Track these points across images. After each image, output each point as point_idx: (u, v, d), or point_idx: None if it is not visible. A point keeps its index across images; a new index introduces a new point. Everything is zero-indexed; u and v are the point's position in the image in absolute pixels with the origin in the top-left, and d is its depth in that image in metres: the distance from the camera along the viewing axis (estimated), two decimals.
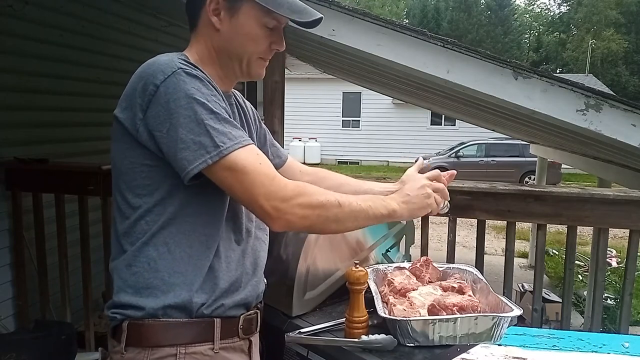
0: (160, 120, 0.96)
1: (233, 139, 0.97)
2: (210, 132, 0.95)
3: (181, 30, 4.24)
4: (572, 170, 13.79)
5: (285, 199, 0.98)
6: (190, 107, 0.95)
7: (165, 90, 0.95)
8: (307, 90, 18.03)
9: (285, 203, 0.98)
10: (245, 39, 1.08)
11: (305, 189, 1.02)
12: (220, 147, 0.95)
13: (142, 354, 1.01)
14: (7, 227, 2.72)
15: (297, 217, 0.99)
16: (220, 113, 0.97)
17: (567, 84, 2.39)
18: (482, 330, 1.16)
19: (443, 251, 2.32)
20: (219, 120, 0.97)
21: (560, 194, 2.14)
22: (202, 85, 0.98)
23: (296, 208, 0.99)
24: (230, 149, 0.96)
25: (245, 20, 1.07)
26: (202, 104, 0.96)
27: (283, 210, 0.98)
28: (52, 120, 3.15)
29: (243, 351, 1.12)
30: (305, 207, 1.00)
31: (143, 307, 1.01)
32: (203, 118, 0.95)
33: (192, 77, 0.97)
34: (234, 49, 1.09)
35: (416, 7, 38.16)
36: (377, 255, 1.58)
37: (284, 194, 0.98)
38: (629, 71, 31.81)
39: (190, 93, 0.95)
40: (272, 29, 1.09)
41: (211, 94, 0.99)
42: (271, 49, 1.12)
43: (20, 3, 2.81)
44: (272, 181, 0.99)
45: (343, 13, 2.50)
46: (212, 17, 1.07)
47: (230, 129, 0.98)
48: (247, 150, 0.98)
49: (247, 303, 1.12)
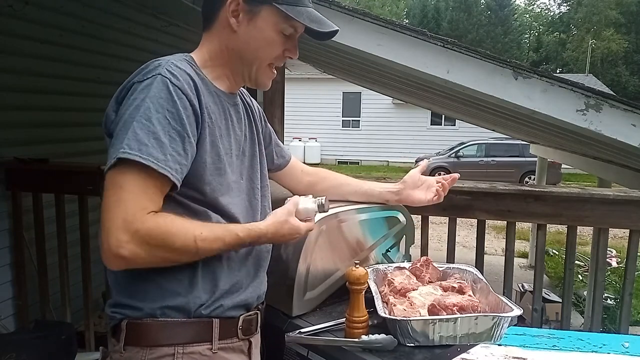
0: (119, 115, 0.97)
1: (142, 151, 0.91)
2: (129, 133, 0.92)
3: (181, 30, 4.25)
4: (572, 170, 13.79)
5: (138, 234, 0.90)
6: (137, 108, 0.94)
7: (136, 88, 0.97)
8: (307, 90, 18.03)
9: (135, 239, 0.90)
10: (261, 43, 1.08)
11: (162, 229, 0.93)
12: (123, 148, 0.91)
13: (141, 353, 1.01)
14: (7, 227, 2.72)
15: (140, 258, 0.92)
16: (155, 126, 0.93)
17: (567, 84, 2.39)
18: (482, 330, 1.16)
19: (443, 251, 2.31)
20: (149, 130, 0.92)
21: (560, 194, 2.14)
22: (166, 97, 0.95)
23: (142, 247, 0.91)
24: (127, 156, 0.90)
25: (264, 24, 1.07)
26: (146, 110, 0.94)
27: (128, 247, 0.90)
28: (52, 120, 3.15)
29: (242, 352, 1.12)
30: (157, 250, 0.93)
31: (141, 308, 1.01)
32: (135, 120, 0.93)
33: (164, 85, 0.96)
34: (248, 52, 1.09)
35: (416, 7, 38.16)
36: (377, 255, 1.58)
37: (140, 228, 0.90)
38: (629, 71, 31.80)
39: (147, 97, 0.95)
40: (287, 36, 1.10)
41: (170, 107, 0.95)
42: (284, 56, 1.12)
43: (20, 3, 2.81)
44: (141, 210, 0.91)
45: (343, 13, 2.50)
46: (231, 18, 1.07)
47: (151, 143, 0.92)
48: (146, 172, 0.91)
49: (248, 304, 1.12)
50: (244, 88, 1.25)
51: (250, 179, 1.18)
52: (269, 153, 1.36)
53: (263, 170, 1.24)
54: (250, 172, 1.18)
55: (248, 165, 1.17)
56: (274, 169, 1.41)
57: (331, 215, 1.42)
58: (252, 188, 1.17)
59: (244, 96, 1.26)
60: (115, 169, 0.92)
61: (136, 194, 0.92)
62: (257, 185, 1.19)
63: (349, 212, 1.48)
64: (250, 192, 1.16)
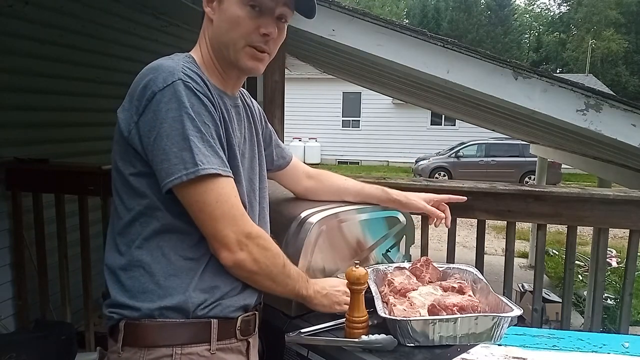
0: (150, 127, 0.96)
1: (211, 163, 0.97)
2: (192, 148, 0.95)
3: (181, 30, 4.25)
4: (572, 170, 13.79)
5: (250, 236, 1.02)
6: (180, 120, 0.95)
7: (161, 98, 0.95)
8: (307, 90, 18.02)
9: (249, 240, 1.02)
10: (229, 23, 1.04)
11: (265, 234, 1.08)
12: (199, 165, 0.95)
13: (139, 354, 1.01)
14: (7, 227, 2.72)
15: (252, 257, 1.03)
16: (205, 134, 0.97)
17: (567, 84, 2.39)
18: (482, 330, 1.16)
19: (443, 251, 2.31)
20: (204, 141, 0.97)
21: (560, 194, 2.14)
22: (197, 101, 0.97)
23: (255, 247, 1.03)
24: (207, 171, 0.96)
25: (229, 3, 1.04)
26: (191, 119, 0.95)
27: (244, 245, 1.01)
28: (52, 120, 3.15)
29: (240, 352, 1.12)
30: (262, 249, 1.05)
31: (139, 308, 1.01)
32: (189, 134, 0.95)
33: (190, 90, 0.97)
34: (221, 36, 1.06)
35: (416, 7, 38.16)
36: (377, 255, 1.57)
37: (250, 231, 1.03)
38: (629, 71, 31.80)
39: (183, 106, 0.95)
40: (259, 11, 1.04)
41: (204, 112, 0.98)
42: (260, 34, 1.05)
43: (20, 3, 2.81)
44: (242, 217, 1.03)
45: (343, 13, 2.50)
46: (206, 7, 1.07)
47: (210, 152, 0.98)
48: (225, 180, 1.00)
49: (246, 305, 1.12)
50: (243, 88, 1.24)
51: (250, 180, 1.17)
52: (269, 154, 1.36)
53: (262, 172, 1.24)
54: (250, 173, 1.18)
55: (248, 166, 1.17)
56: (274, 169, 1.41)
57: (331, 215, 1.42)
58: (251, 189, 1.17)
59: (245, 97, 1.25)
60: (197, 185, 0.96)
61: (230, 202, 1.00)
62: (256, 186, 1.19)
63: (349, 212, 1.48)
64: (250, 194, 1.16)
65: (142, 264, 1.01)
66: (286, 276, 1.11)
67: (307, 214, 1.39)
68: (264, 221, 1.22)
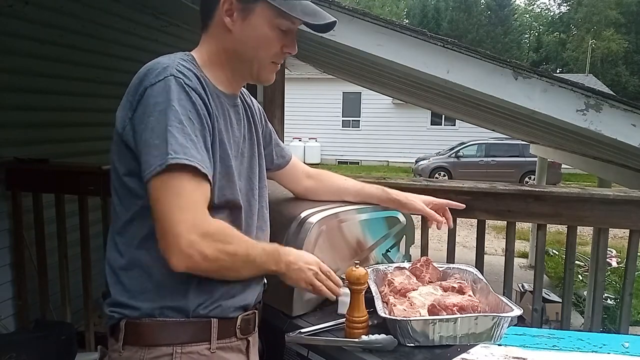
0: (140, 121, 0.97)
1: (187, 154, 0.93)
2: (168, 139, 0.93)
3: (181, 30, 4.25)
4: (572, 170, 13.79)
5: (207, 235, 0.95)
6: (165, 113, 0.94)
7: (151, 93, 0.96)
8: (307, 90, 18.02)
9: (204, 240, 0.94)
10: (257, 41, 1.07)
11: (226, 231, 1.00)
12: (170, 154, 0.92)
13: (139, 352, 1.01)
14: (7, 227, 2.72)
15: (204, 256, 0.95)
16: (187, 127, 0.95)
17: (567, 84, 2.39)
18: (482, 330, 1.16)
19: (443, 251, 2.31)
20: (184, 133, 0.94)
21: (560, 194, 2.14)
22: (185, 96, 0.97)
23: (210, 248, 0.95)
24: (178, 160, 0.92)
25: (258, 21, 1.06)
26: (175, 112, 0.95)
27: (197, 245, 0.93)
28: (52, 120, 3.15)
29: (240, 351, 1.12)
30: (219, 251, 0.97)
31: (139, 308, 1.01)
32: (169, 124, 0.94)
33: (180, 85, 0.97)
34: (245, 51, 1.08)
35: (416, 7, 38.16)
36: (377, 255, 1.58)
37: (208, 229, 0.96)
38: (629, 71, 31.80)
39: (170, 99, 0.95)
40: (284, 31, 1.08)
41: (191, 107, 0.97)
42: (283, 52, 1.10)
43: (20, 3, 2.81)
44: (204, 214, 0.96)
45: (343, 13, 2.50)
46: (225, 17, 1.06)
47: (190, 145, 0.94)
48: (197, 174, 0.95)
49: (246, 305, 1.12)
50: (244, 87, 1.24)
51: (249, 179, 1.18)
52: (269, 153, 1.36)
53: (262, 172, 1.24)
54: (249, 172, 1.18)
55: (247, 166, 1.17)
56: (273, 169, 1.41)
57: (331, 215, 1.42)
58: (250, 189, 1.17)
59: (244, 96, 1.25)
60: (166, 174, 0.93)
61: (197, 197, 0.95)
62: (255, 185, 1.19)
63: (349, 212, 1.48)
64: (249, 193, 1.16)
65: (141, 264, 1.02)
66: (250, 263, 1.04)
67: (307, 214, 1.39)
68: (263, 220, 1.22)
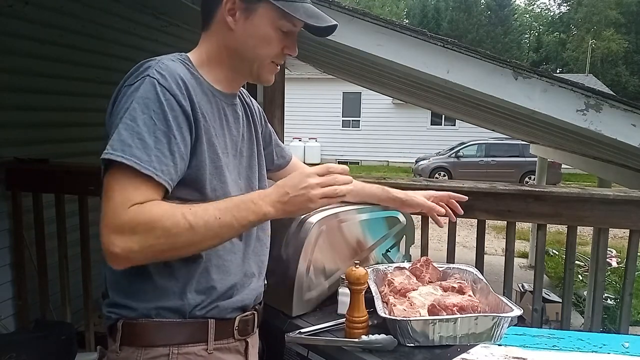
0: (111, 119, 0.98)
1: (125, 152, 0.90)
2: (114, 135, 0.92)
3: (181, 30, 4.25)
4: (572, 170, 13.79)
5: (123, 227, 0.88)
6: (128, 110, 0.94)
7: (126, 92, 0.97)
8: (307, 90, 18.03)
9: (124, 235, 0.88)
10: (259, 41, 1.07)
11: (146, 215, 0.89)
12: (106, 150, 0.91)
13: (136, 353, 1.01)
14: (7, 227, 2.72)
15: (130, 250, 0.89)
16: (142, 127, 0.92)
17: (567, 84, 2.39)
18: (482, 330, 1.16)
19: (443, 251, 2.31)
20: (133, 131, 0.92)
21: (560, 194, 2.14)
22: (154, 96, 0.95)
23: (133, 241, 0.88)
24: (109, 156, 0.90)
25: (260, 21, 1.06)
26: (133, 110, 0.94)
27: (121, 246, 0.88)
28: (52, 120, 3.15)
29: (239, 352, 1.12)
30: (147, 237, 0.89)
31: (136, 308, 1.01)
32: (123, 121, 0.93)
33: (152, 86, 0.96)
34: (246, 50, 1.08)
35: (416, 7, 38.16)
36: (377, 255, 1.58)
37: (123, 220, 0.88)
38: (629, 71, 31.81)
39: (134, 99, 0.95)
40: (286, 32, 1.08)
41: (157, 109, 0.95)
42: (284, 54, 1.11)
43: (20, 3, 2.81)
44: (122, 205, 0.89)
45: (343, 13, 2.50)
46: (228, 16, 1.06)
47: (137, 144, 0.91)
48: (133, 173, 0.90)
49: (244, 305, 1.12)
50: (243, 87, 1.24)
51: (249, 178, 1.17)
52: (269, 153, 1.36)
53: (261, 171, 1.23)
54: (249, 172, 1.18)
55: (246, 165, 1.17)
56: (274, 169, 1.41)
57: (331, 215, 1.42)
58: (250, 188, 1.17)
59: (244, 96, 1.25)
60: (108, 172, 0.92)
61: (119, 191, 0.91)
62: (255, 185, 1.19)
63: (349, 212, 1.48)
64: (248, 192, 1.16)
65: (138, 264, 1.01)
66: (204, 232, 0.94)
67: (307, 214, 1.39)
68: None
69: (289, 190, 1.00)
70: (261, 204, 0.99)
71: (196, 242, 0.95)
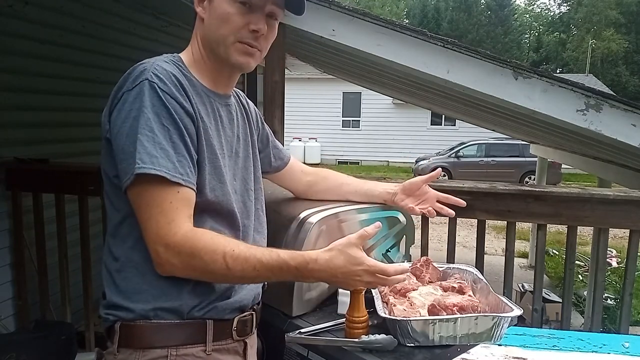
0: (116, 126, 0.97)
1: (154, 163, 0.93)
2: (137, 147, 0.93)
3: (181, 30, 4.25)
4: (572, 170, 13.79)
5: (169, 247, 0.95)
6: (137, 120, 0.94)
7: (127, 98, 0.97)
8: (307, 90, 18.02)
9: (168, 251, 0.95)
10: (219, 20, 1.04)
11: (190, 245, 0.95)
12: (137, 164, 0.93)
13: (134, 355, 1.01)
14: (7, 227, 2.72)
15: (176, 267, 0.97)
16: (158, 135, 0.95)
17: (567, 84, 2.39)
18: (482, 330, 1.16)
19: (443, 251, 2.31)
20: (154, 142, 0.94)
21: (560, 194, 2.14)
22: (158, 102, 0.96)
23: (176, 258, 0.95)
24: (144, 170, 0.93)
25: (219, 0, 1.04)
26: (146, 119, 0.94)
27: (164, 256, 0.95)
28: (52, 120, 3.15)
29: (237, 353, 1.11)
30: (186, 257, 0.96)
31: (134, 309, 1.01)
32: (139, 132, 0.94)
33: (154, 90, 0.96)
34: (211, 34, 1.06)
35: (416, 7, 38.16)
36: (377, 255, 1.57)
37: (168, 242, 0.95)
38: (629, 71, 31.81)
39: (143, 106, 0.95)
40: (249, 7, 1.04)
41: (165, 113, 0.96)
42: (250, 31, 1.05)
43: (20, 3, 2.81)
44: (168, 225, 0.95)
45: (343, 13, 2.50)
46: (198, 7, 1.07)
47: (160, 154, 0.94)
48: (167, 183, 0.95)
49: (242, 306, 1.11)
50: (244, 88, 1.24)
51: (244, 179, 1.17)
52: (266, 155, 1.35)
53: (257, 173, 1.23)
54: (244, 173, 1.17)
55: (242, 166, 1.17)
56: (272, 171, 1.41)
57: (331, 215, 1.42)
58: (245, 189, 1.16)
59: (240, 97, 1.25)
60: (137, 184, 0.94)
61: (162, 207, 0.95)
62: (251, 187, 1.18)
63: (349, 212, 1.48)
64: (244, 194, 1.16)
65: (134, 265, 1.01)
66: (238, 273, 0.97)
67: (307, 214, 1.39)
68: (259, 222, 1.22)
69: (340, 276, 1.01)
70: (307, 276, 1.00)
71: (229, 279, 1.03)
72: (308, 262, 0.99)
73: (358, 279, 1.02)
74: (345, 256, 1.00)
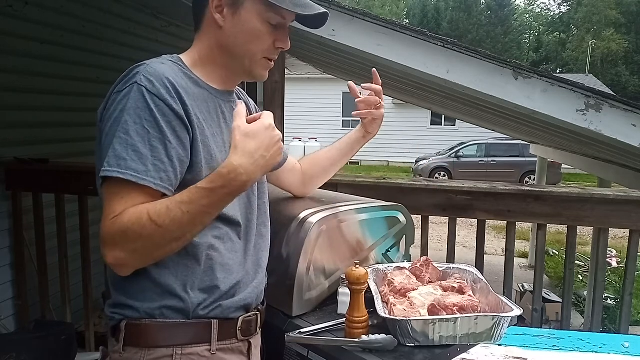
0: (102, 126, 0.98)
1: (121, 166, 0.91)
2: (109, 150, 0.93)
3: (181, 30, 4.25)
4: (572, 170, 13.79)
5: (106, 242, 0.92)
6: (117, 121, 0.95)
7: (115, 99, 0.97)
8: (307, 90, 18.02)
9: (107, 247, 0.92)
10: (248, 36, 1.06)
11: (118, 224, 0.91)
12: (104, 166, 0.92)
13: (140, 354, 1.01)
14: (7, 227, 2.72)
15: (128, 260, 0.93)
16: (134, 138, 0.93)
17: (567, 84, 2.39)
18: (482, 330, 1.16)
19: (443, 251, 2.31)
20: (127, 144, 0.92)
21: (560, 194, 2.14)
22: (143, 104, 0.95)
23: (117, 250, 0.92)
24: (106, 173, 0.92)
25: (248, 16, 1.05)
26: (124, 123, 0.94)
27: (110, 257, 0.93)
28: (52, 120, 3.15)
29: (242, 353, 1.12)
30: (126, 244, 0.91)
31: (139, 308, 1.01)
32: (116, 135, 0.93)
33: (140, 93, 0.95)
34: (237, 47, 1.07)
35: (416, 7, 38.18)
36: (377, 255, 1.58)
37: (103, 236, 0.92)
38: (629, 71, 31.81)
39: (126, 107, 0.94)
40: (275, 26, 1.07)
41: (148, 116, 0.94)
42: (276, 48, 1.09)
43: (20, 3, 2.81)
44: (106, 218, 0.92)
45: (343, 13, 2.50)
46: (216, 14, 1.06)
47: (131, 157, 0.92)
48: (127, 185, 0.92)
49: (247, 305, 1.12)
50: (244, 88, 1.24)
51: None
52: None
53: None
54: None
55: None
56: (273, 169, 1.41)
57: (331, 215, 1.42)
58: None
59: (241, 96, 1.25)
60: (105, 187, 0.94)
61: (113, 206, 0.93)
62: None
63: (349, 212, 1.48)
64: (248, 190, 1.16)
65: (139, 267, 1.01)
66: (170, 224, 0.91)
67: (307, 214, 1.39)
68: (265, 217, 1.22)
69: (264, 152, 0.95)
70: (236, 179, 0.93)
71: (176, 236, 0.94)
72: (224, 167, 0.93)
73: (277, 139, 0.98)
74: (256, 132, 0.96)
